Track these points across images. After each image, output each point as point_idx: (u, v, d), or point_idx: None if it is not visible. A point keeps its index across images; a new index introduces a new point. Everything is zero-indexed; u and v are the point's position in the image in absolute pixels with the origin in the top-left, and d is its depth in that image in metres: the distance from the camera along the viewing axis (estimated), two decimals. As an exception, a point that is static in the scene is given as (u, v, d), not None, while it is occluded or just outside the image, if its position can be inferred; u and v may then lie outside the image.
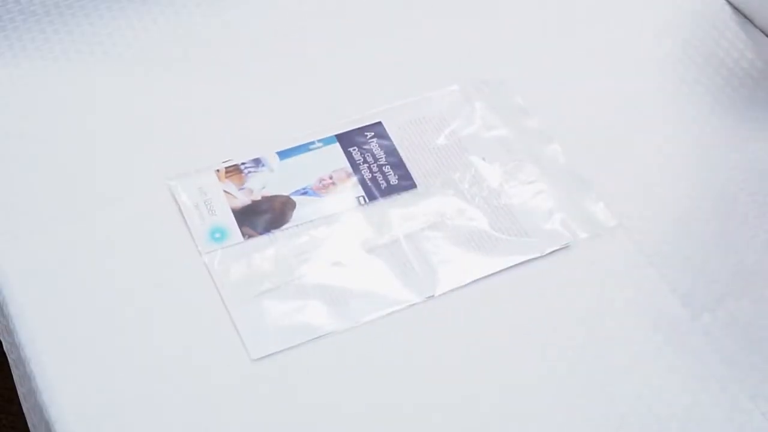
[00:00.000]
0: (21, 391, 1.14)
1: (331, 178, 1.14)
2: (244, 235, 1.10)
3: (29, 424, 1.14)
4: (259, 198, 1.13)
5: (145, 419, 1.01)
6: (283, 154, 1.16)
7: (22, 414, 1.15)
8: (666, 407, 1.00)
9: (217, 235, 1.10)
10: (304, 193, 1.13)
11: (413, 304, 1.07)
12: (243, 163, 1.15)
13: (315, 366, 1.03)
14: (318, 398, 1.01)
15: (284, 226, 1.11)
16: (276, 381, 1.02)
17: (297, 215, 1.11)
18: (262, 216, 1.12)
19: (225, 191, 1.13)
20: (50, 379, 1.03)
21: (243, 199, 1.13)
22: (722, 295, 1.06)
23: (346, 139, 1.17)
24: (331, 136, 1.17)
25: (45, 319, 1.06)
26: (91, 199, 1.14)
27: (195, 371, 1.03)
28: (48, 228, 1.12)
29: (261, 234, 1.11)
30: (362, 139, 1.16)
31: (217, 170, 1.15)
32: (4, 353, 1.15)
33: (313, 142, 1.17)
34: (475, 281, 1.08)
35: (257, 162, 1.15)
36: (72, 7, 1.29)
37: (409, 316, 1.06)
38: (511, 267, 1.08)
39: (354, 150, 1.16)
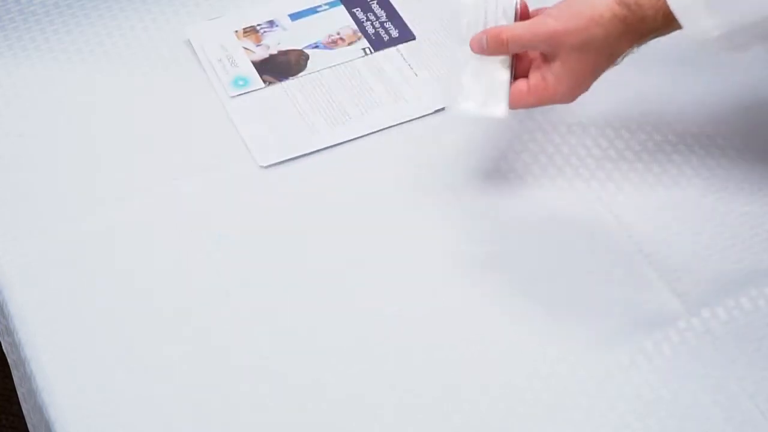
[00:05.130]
0: (21, 391, 1.14)
1: (338, 34, 1.27)
2: (264, 82, 1.23)
3: (29, 425, 1.14)
4: (275, 52, 1.26)
5: (145, 419, 1.01)
6: (294, 16, 1.29)
7: (22, 414, 1.15)
8: (665, 406, 1.00)
9: (241, 83, 1.23)
10: (316, 47, 1.26)
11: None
12: (258, 25, 1.27)
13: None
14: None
15: (300, 74, 1.23)
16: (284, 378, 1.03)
17: (311, 65, 1.24)
18: (280, 66, 1.24)
19: (244, 48, 1.25)
20: (50, 379, 1.03)
21: (261, 54, 1.25)
22: (721, 293, 1.06)
23: (350, 1, 1.30)
24: (335, 0, 1.30)
25: (45, 319, 1.07)
26: (91, 199, 1.15)
27: (197, 371, 1.03)
28: (48, 228, 1.12)
29: (280, 81, 1.23)
30: (365, 0, 1.31)
31: (236, 31, 1.27)
32: (4, 353, 1.15)
33: (320, 6, 1.30)
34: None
35: (271, 23, 1.28)
36: (72, 7, 1.30)
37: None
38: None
39: (357, 10, 1.29)
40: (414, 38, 1.27)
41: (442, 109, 1.20)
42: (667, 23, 1.03)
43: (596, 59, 1.05)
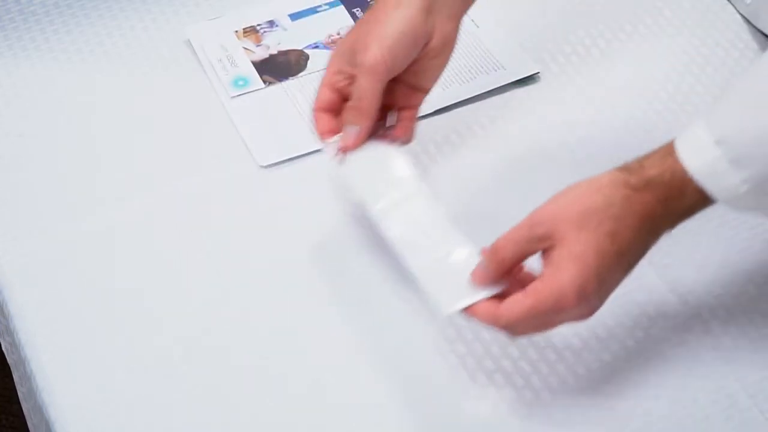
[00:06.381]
0: (21, 391, 1.14)
1: (338, 34, 1.27)
2: (264, 82, 1.23)
3: (29, 425, 1.14)
4: (275, 52, 1.26)
5: (145, 419, 1.01)
6: (294, 16, 1.29)
7: (23, 414, 1.15)
8: (664, 406, 1.00)
9: (241, 83, 1.23)
10: (316, 47, 1.26)
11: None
12: (258, 25, 1.27)
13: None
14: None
15: (300, 74, 1.23)
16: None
17: (311, 65, 1.24)
18: (280, 66, 1.24)
19: (244, 48, 1.25)
20: (50, 378, 1.03)
21: (261, 54, 1.25)
22: (721, 293, 1.06)
23: (350, 1, 1.30)
24: (335, 0, 1.30)
25: (45, 319, 1.07)
26: (91, 199, 1.15)
27: (197, 371, 1.03)
28: (48, 228, 1.12)
29: (280, 81, 1.23)
30: (365, 0, 1.30)
31: (236, 31, 1.27)
32: (4, 353, 1.15)
33: (320, 6, 1.30)
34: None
35: (271, 23, 1.28)
36: (72, 7, 1.30)
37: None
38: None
39: (357, 10, 1.29)
40: None
41: (441, 109, 1.20)
42: (678, 187, 0.90)
43: (600, 238, 0.90)
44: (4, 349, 1.15)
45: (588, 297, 0.91)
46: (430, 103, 1.20)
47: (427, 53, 1.02)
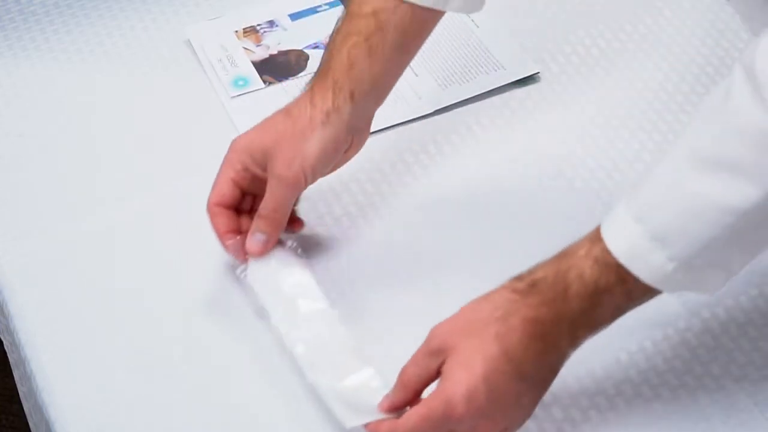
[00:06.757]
0: (22, 390, 1.14)
1: None
2: (264, 82, 1.23)
3: (30, 424, 1.14)
4: (275, 52, 1.26)
5: (145, 419, 1.01)
6: (294, 16, 1.29)
7: (23, 414, 1.15)
8: (664, 406, 1.00)
9: (241, 83, 1.23)
10: (316, 47, 1.25)
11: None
12: (258, 25, 1.27)
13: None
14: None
15: (300, 74, 1.23)
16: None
17: (311, 65, 1.24)
18: (280, 66, 1.24)
19: (244, 48, 1.25)
20: (50, 378, 1.03)
21: (261, 54, 1.25)
22: (721, 293, 1.06)
23: None
24: (335, 0, 1.30)
25: (45, 319, 1.07)
26: (91, 199, 1.15)
27: (197, 371, 1.03)
28: (48, 228, 1.12)
29: (280, 81, 1.23)
30: None
31: (236, 31, 1.27)
32: (4, 353, 1.15)
33: (320, 6, 1.30)
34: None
35: (271, 23, 1.28)
36: (72, 7, 1.30)
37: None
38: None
39: None
40: None
41: (441, 109, 1.20)
42: (562, 288, 0.90)
43: (485, 342, 0.90)
44: (5, 348, 1.15)
45: (479, 404, 0.90)
46: (430, 103, 1.21)
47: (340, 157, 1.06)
